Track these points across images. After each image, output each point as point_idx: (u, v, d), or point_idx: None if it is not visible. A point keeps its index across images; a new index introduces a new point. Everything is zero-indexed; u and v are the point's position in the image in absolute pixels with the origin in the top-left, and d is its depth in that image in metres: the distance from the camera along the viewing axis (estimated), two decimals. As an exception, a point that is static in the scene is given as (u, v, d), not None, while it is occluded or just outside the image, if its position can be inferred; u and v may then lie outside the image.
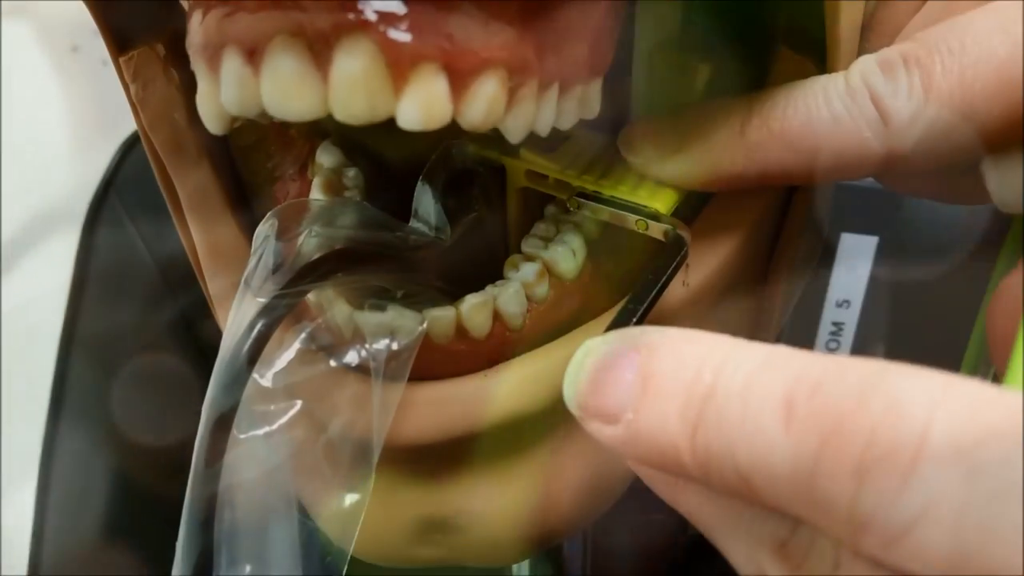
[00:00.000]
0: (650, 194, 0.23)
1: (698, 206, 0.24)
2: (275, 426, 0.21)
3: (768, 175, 0.22)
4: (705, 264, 0.24)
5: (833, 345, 0.42)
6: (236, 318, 0.21)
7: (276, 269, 0.22)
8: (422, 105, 0.16)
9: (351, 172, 0.25)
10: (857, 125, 0.20)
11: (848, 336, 0.42)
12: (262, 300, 0.21)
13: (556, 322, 0.23)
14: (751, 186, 0.22)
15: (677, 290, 0.23)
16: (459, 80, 0.17)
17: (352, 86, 0.16)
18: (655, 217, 0.22)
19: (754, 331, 0.27)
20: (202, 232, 0.27)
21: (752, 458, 0.15)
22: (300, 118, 0.17)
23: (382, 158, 0.28)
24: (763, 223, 0.25)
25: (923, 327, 0.41)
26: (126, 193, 0.45)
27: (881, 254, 0.39)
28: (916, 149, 0.20)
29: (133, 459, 0.43)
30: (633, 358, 0.17)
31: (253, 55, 0.17)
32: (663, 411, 0.16)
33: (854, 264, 0.41)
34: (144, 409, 0.43)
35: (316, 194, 0.25)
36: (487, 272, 0.24)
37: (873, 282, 0.40)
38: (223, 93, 0.18)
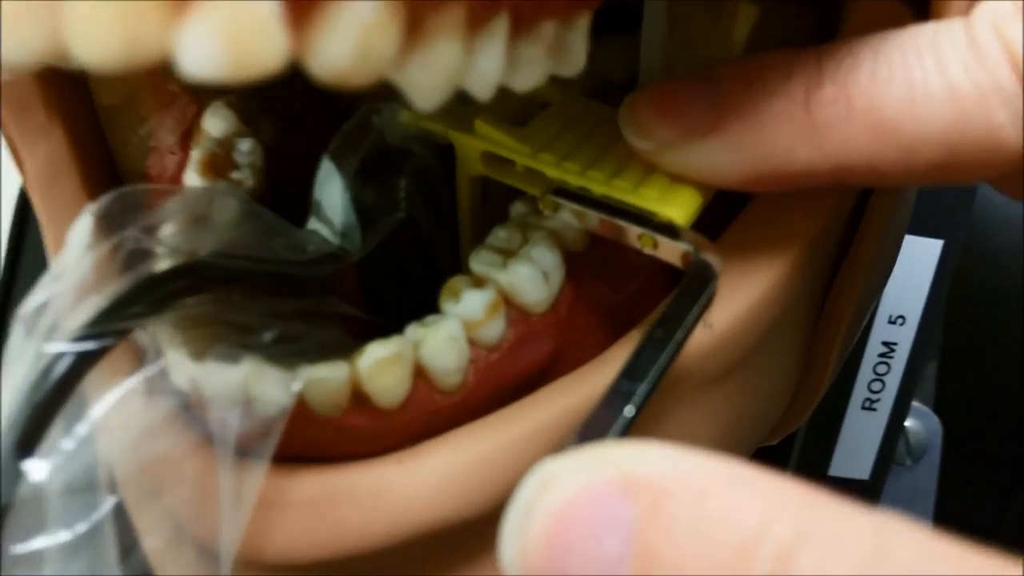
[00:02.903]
0: (661, 194, 0.17)
1: (729, 214, 0.18)
2: (72, 535, 0.14)
3: (845, 171, 0.16)
4: (737, 298, 0.17)
5: (882, 369, 0.39)
6: (9, 378, 0.14)
7: (85, 295, 0.14)
8: (222, 38, 0.09)
9: (245, 145, 0.19)
10: (985, 102, 0.15)
11: (901, 359, 0.38)
12: (52, 349, 0.13)
13: (515, 378, 0.16)
14: (816, 186, 0.16)
15: (696, 334, 0.16)
16: None
17: (96, 12, 0.09)
18: (669, 231, 0.16)
19: (798, 389, 0.20)
20: (50, 219, 0.22)
21: None
22: (21, 62, 0.10)
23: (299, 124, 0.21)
24: (824, 240, 0.18)
25: (987, 349, 0.37)
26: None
27: (946, 261, 0.35)
28: None
29: None
30: (621, 508, 0.10)
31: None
32: None
33: (913, 273, 0.36)
34: None
35: (191, 174, 0.18)
36: (422, 298, 0.17)
37: (934, 294, 0.36)
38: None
